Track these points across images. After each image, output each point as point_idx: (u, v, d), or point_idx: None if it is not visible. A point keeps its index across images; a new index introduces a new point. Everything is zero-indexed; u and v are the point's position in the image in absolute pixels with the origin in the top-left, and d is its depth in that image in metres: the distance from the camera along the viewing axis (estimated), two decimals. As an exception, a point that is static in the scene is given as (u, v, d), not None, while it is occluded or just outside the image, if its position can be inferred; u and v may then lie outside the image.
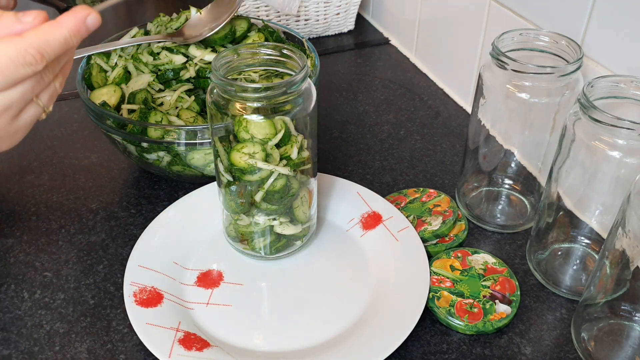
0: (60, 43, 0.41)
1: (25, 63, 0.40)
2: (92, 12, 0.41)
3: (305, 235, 0.63)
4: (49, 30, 0.40)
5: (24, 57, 0.40)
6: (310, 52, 0.76)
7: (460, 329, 0.57)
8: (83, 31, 0.42)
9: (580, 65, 0.58)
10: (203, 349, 0.53)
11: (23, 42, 0.39)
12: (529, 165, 0.69)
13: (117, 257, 0.65)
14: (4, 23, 0.40)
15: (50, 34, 0.40)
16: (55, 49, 0.41)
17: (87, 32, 0.42)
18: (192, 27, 0.73)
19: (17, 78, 0.41)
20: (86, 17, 0.41)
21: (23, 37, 0.39)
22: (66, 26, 0.41)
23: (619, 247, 0.49)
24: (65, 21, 0.41)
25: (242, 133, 0.54)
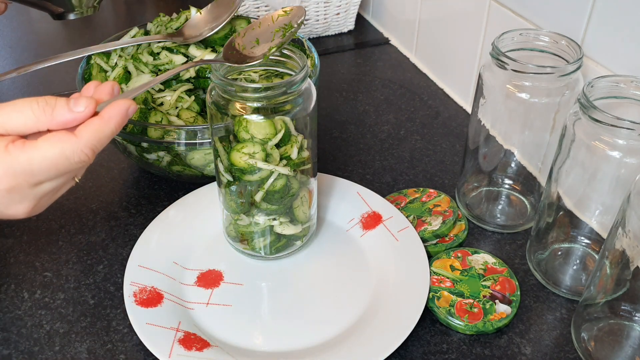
0: (108, 138, 0.44)
1: (79, 161, 0.43)
2: (132, 104, 0.45)
3: (305, 235, 0.63)
4: (100, 127, 0.44)
5: (79, 156, 0.43)
6: (310, 52, 0.76)
7: (460, 329, 0.57)
8: (125, 122, 0.45)
9: (580, 65, 0.58)
10: (203, 349, 0.53)
11: (79, 142, 0.43)
12: (529, 165, 0.69)
13: (117, 257, 0.65)
14: (58, 113, 0.43)
15: (101, 132, 0.44)
16: (104, 144, 0.45)
17: (127, 121, 0.46)
18: (192, 27, 0.73)
19: (69, 171, 0.44)
20: (128, 110, 0.45)
21: (78, 137, 0.43)
22: (114, 122, 0.44)
23: (619, 247, 0.49)
24: (113, 117, 0.44)
25: (242, 133, 0.54)
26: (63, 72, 0.96)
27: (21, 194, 0.44)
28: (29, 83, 0.96)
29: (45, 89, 0.94)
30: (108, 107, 0.44)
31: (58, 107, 0.43)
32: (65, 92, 0.92)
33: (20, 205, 0.45)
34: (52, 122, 0.43)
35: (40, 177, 0.43)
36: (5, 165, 0.42)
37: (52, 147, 0.42)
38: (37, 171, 0.43)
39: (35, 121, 0.42)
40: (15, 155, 0.42)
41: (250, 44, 0.58)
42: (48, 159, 0.42)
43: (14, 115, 0.42)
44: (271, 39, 0.58)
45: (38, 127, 0.43)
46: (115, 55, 0.74)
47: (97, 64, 0.74)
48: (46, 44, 1.11)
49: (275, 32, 0.58)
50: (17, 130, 0.43)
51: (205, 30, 0.72)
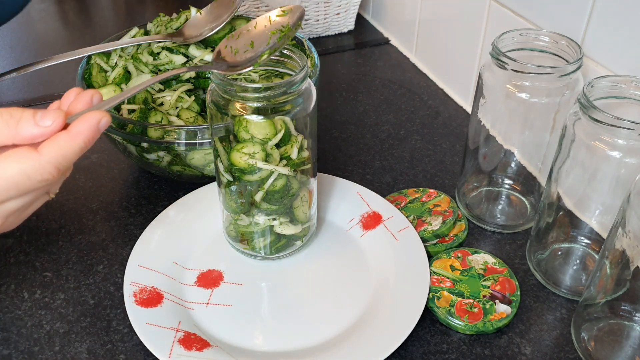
0: (76, 154, 0.41)
1: (41, 179, 0.40)
2: (104, 116, 0.41)
3: (305, 235, 0.63)
4: (65, 144, 0.40)
5: (41, 174, 0.40)
6: (310, 52, 0.76)
7: (460, 329, 0.57)
8: (96, 136, 0.42)
9: (580, 65, 0.58)
10: (203, 349, 0.53)
11: (41, 159, 0.39)
12: (529, 165, 0.69)
13: (117, 257, 0.65)
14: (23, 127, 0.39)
15: (67, 148, 0.40)
16: (71, 161, 0.41)
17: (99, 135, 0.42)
18: (192, 27, 0.73)
19: (32, 190, 0.41)
20: (99, 123, 0.41)
21: (41, 154, 0.39)
22: (82, 138, 0.41)
23: (619, 247, 0.49)
24: (80, 132, 0.40)
25: (242, 133, 0.54)
26: (63, 72, 0.96)
27: None
28: (29, 83, 0.96)
29: (45, 89, 0.94)
30: (77, 121, 0.41)
31: (23, 121, 0.40)
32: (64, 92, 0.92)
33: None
34: (16, 137, 0.40)
35: (1, 197, 0.40)
36: None
37: (12, 165, 0.39)
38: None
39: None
40: None
41: (244, 48, 0.55)
42: (7, 178, 0.39)
43: None
44: (267, 42, 0.54)
45: (2, 141, 0.40)
46: (115, 55, 0.74)
47: (97, 64, 0.74)
48: (46, 44, 1.11)
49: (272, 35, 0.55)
50: None
51: (206, 30, 0.72)
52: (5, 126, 0.39)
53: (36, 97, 0.92)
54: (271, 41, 0.54)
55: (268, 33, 0.55)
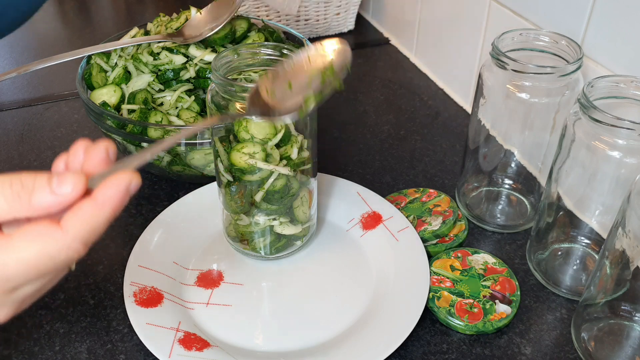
0: (104, 225, 0.36)
1: (67, 259, 0.35)
2: (134, 178, 0.36)
3: (305, 235, 0.63)
4: (92, 215, 0.35)
5: (66, 253, 0.34)
6: (310, 52, 0.75)
7: (460, 329, 0.57)
8: (126, 201, 0.36)
9: (580, 65, 0.58)
10: (203, 349, 0.53)
11: (66, 238, 0.34)
12: (529, 165, 0.69)
13: (117, 257, 0.65)
14: (37, 198, 0.34)
15: (95, 220, 0.35)
16: (99, 234, 0.36)
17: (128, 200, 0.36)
18: (192, 27, 0.73)
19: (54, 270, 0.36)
20: (129, 187, 0.35)
21: (65, 231, 0.34)
22: (110, 205, 0.35)
23: (619, 247, 0.49)
24: (108, 199, 0.35)
25: (242, 133, 0.54)
26: (63, 72, 0.96)
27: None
28: (29, 83, 0.96)
29: (45, 89, 0.94)
30: (103, 187, 0.35)
31: (37, 191, 0.33)
32: (64, 92, 0.93)
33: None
34: (29, 210, 0.34)
35: (18, 282, 0.35)
36: None
37: (31, 246, 0.33)
38: (13, 276, 0.34)
39: (7, 209, 0.33)
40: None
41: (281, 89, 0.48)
42: (25, 261, 0.34)
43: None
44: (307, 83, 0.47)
45: (13, 215, 0.34)
46: (115, 55, 0.74)
47: (97, 64, 0.74)
48: (46, 44, 1.11)
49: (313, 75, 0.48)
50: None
51: (206, 30, 0.72)
52: (17, 198, 0.34)
53: (36, 97, 0.92)
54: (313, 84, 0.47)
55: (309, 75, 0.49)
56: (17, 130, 0.85)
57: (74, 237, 0.34)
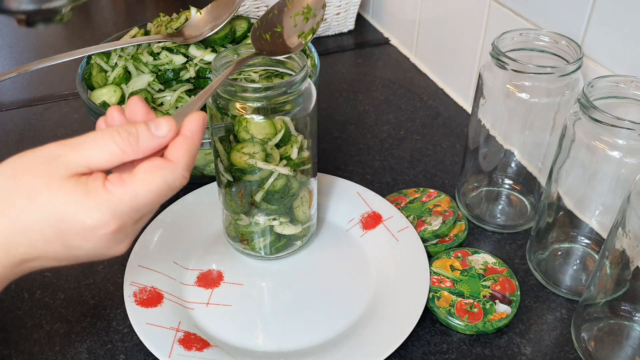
0: (197, 153, 0.43)
1: (179, 186, 0.42)
2: (205, 115, 0.43)
3: (305, 235, 0.63)
4: (189, 147, 0.42)
5: (180, 180, 0.41)
6: (310, 52, 0.76)
7: (460, 329, 0.57)
8: (203, 133, 0.43)
9: (580, 65, 0.58)
10: (203, 349, 0.53)
11: (177, 167, 0.41)
12: (529, 165, 0.69)
13: (117, 257, 0.64)
14: (143, 141, 0.40)
15: (192, 150, 0.42)
16: (195, 161, 0.43)
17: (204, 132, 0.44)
18: (192, 27, 0.73)
19: (168, 198, 0.42)
20: (205, 122, 0.43)
21: (176, 162, 0.41)
22: (198, 138, 0.42)
23: (619, 247, 0.49)
24: (196, 132, 0.42)
25: (242, 133, 0.54)
26: (63, 72, 0.96)
27: (125, 232, 0.41)
28: (29, 83, 0.96)
29: (45, 89, 0.94)
30: (187, 124, 0.42)
31: (142, 135, 0.40)
32: (64, 92, 0.93)
33: (122, 244, 0.42)
34: (138, 153, 0.40)
35: (145, 211, 0.41)
36: (112, 206, 0.39)
37: (156, 178, 0.40)
38: (143, 206, 0.40)
39: (121, 154, 0.40)
40: (119, 195, 0.39)
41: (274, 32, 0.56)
42: (153, 191, 0.40)
43: (97, 152, 0.40)
44: (293, 24, 0.56)
45: (123, 159, 0.40)
46: (115, 55, 0.74)
47: (97, 64, 0.74)
48: (46, 44, 1.11)
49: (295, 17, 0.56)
50: (103, 166, 0.40)
51: (206, 30, 0.72)
52: (128, 144, 0.40)
53: (36, 97, 0.92)
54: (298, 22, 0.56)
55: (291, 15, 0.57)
56: (17, 130, 0.85)
57: (184, 166, 0.41)
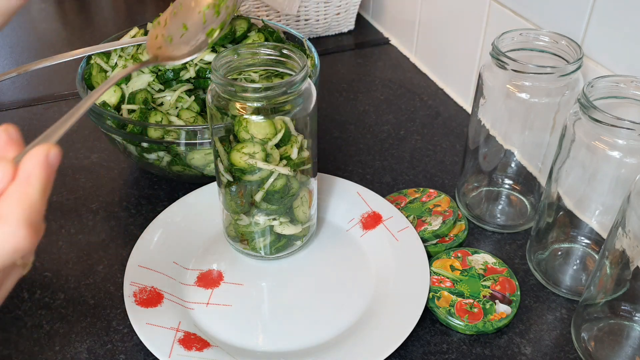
0: (40, 201, 0.33)
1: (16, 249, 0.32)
2: (50, 148, 0.33)
3: (305, 235, 0.63)
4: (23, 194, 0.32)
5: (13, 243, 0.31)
6: (310, 52, 0.76)
7: (460, 329, 0.57)
8: (52, 174, 0.33)
9: (580, 65, 0.58)
10: (203, 349, 0.53)
11: (8, 225, 0.31)
12: (529, 165, 0.69)
13: (117, 257, 0.65)
14: None
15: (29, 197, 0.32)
16: (40, 211, 0.33)
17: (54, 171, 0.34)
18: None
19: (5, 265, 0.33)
20: (47, 157, 0.33)
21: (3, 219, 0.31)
22: (36, 179, 0.32)
23: (619, 247, 0.49)
24: (31, 174, 0.32)
25: (242, 133, 0.54)
26: (63, 72, 0.96)
27: None
28: (29, 83, 0.96)
29: (45, 89, 0.94)
30: (23, 164, 0.32)
31: None
32: (64, 92, 0.92)
33: None
34: None
35: None
36: None
37: None
38: None
39: None
40: None
41: (178, 32, 0.47)
42: None
43: None
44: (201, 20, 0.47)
45: None
46: (115, 55, 0.74)
47: (97, 64, 0.74)
48: (46, 44, 1.11)
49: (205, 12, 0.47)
50: None
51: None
52: None
53: (36, 97, 0.92)
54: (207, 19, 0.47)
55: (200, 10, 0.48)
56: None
57: (17, 222, 0.31)
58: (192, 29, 0.47)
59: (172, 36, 0.47)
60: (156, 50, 0.46)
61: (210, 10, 0.47)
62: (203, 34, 0.47)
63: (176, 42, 0.46)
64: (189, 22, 0.47)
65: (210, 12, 0.48)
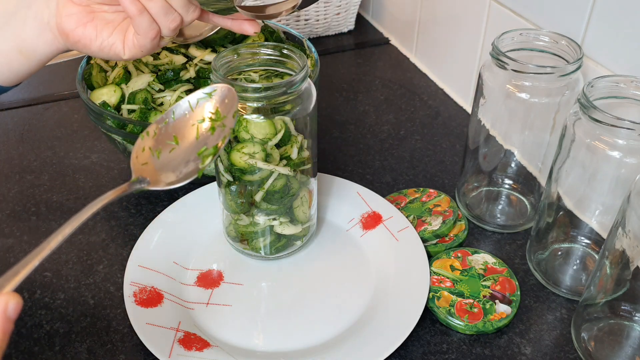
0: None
1: None
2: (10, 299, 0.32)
3: (305, 235, 0.63)
4: None
5: None
6: (310, 52, 0.76)
7: (460, 329, 0.57)
8: (9, 327, 0.32)
9: (580, 65, 0.58)
10: (203, 349, 0.53)
11: None
12: (529, 165, 0.69)
13: (117, 257, 0.65)
14: None
15: None
16: None
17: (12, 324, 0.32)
18: (192, 27, 0.73)
19: None
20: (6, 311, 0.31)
21: None
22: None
23: (619, 247, 0.49)
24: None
25: (242, 133, 0.54)
26: (63, 72, 0.96)
27: None
28: (29, 83, 0.96)
29: (45, 89, 0.94)
30: None
31: None
32: (64, 92, 0.92)
33: None
34: None
35: None
36: None
37: None
38: None
39: None
40: None
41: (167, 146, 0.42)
42: None
43: None
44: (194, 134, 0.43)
45: None
46: (115, 55, 0.74)
47: (97, 64, 0.74)
48: (46, 44, 1.11)
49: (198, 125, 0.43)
50: None
51: (206, 30, 0.72)
52: None
53: (36, 97, 0.92)
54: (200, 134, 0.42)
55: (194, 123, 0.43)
56: (17, 130, 0.85)
57: None
58: (182, 145, 0.43)
59: (160, 150, 0.42)
60: (140, 166, 0.41)
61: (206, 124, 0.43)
62: (194, 153, 0.42)
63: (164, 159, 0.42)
64: (180, 136, 0.43)
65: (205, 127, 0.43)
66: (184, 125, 0.43)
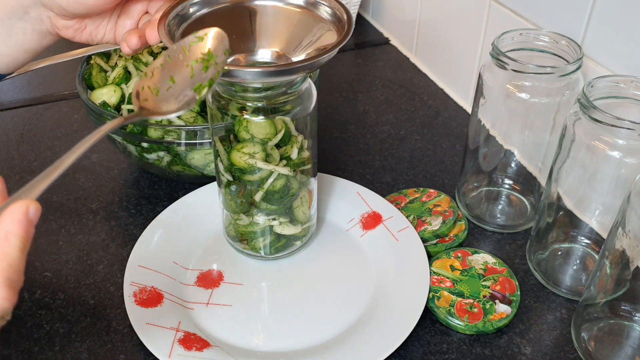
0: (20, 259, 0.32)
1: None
2: (30, 205, 0.33)
3: (305, 235, 0.63)
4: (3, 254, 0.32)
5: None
6: (310, 52, 0.75)
7: (460, 329, 0.57)
8: (31, 229, 0.33)
9: (580, 65, 0.58)
10: (203, 349, 0.53)
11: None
12: (529, 165, 0.69)
13: (117, 257, 0.65)
14: None
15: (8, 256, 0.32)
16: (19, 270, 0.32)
17: (34, 227, 0.34)
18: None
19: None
20: (27, 213, 0.33)
21: None
22: (15, 237, 0.32)
23: (619, 247, 0.49)
24: (10, 232, 0.32)
25: (242, 133, 0.54)
26: (63, 72, 0.96)
27: None
28: (29, 83, 0.96)
29: (45, 89, 0.94)
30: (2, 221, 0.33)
31: None
32: (65, 92, 0.92)
33: None
34: None
35: None
36: None
37: None
38: None
39: None
40: None
41: (165, 85, 0.46)
42: None
43: None
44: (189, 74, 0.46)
45: None
46: (115, 55, 0.74)
47: (97, 64, 0.74)
48: (46, 44, 1.11)
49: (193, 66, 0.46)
50: None
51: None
52: None
53: (36, 97, 0.92)
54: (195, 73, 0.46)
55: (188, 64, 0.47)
56: (17, 130, 0.85)
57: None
58: (179, 83, 0.46)
59: (158, 88, 0.46)
60: (142, 102, 0.45)
61: (199, 64, 0.46)
62: (190, 89, 0.46)
63: (162, 95, 0.45)
64: (177, 76, 0.46)
65: (199, 66, 0.46)
66: (179, 66, 0.47)
